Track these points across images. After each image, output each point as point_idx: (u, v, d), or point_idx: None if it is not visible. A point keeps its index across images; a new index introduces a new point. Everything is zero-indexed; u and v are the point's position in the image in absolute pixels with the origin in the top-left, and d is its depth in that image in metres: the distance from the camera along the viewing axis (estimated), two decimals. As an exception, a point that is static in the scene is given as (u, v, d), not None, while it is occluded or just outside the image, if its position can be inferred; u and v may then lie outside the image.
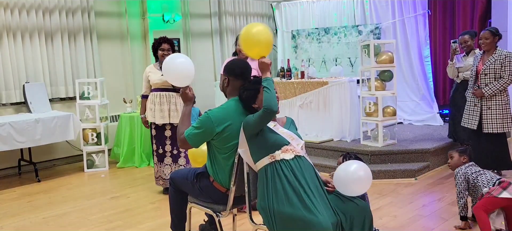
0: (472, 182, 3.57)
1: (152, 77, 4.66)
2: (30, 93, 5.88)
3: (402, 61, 7.05)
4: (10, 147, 5.26)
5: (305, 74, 6.37)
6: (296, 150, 2.68)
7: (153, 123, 4.68)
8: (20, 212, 4.53)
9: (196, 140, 2.84)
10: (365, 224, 2.58)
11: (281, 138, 2.69)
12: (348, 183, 2.62)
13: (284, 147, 2.67)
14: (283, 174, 2.61)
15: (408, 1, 7.00)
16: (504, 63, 4.63)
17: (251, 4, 8.55)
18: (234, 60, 3.11)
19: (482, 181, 3.53)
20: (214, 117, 2.80)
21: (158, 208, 4.47)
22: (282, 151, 2.65)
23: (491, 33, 4.71)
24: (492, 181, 3.48)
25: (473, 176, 3.57)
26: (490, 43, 4.70)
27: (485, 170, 3.65)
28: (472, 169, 3.61)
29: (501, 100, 4.74)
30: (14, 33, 5.94)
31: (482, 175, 3.56)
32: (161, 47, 4.65)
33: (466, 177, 3.59)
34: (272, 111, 2.61)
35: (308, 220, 2.45)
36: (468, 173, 3.59)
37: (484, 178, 3.53)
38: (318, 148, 5.84)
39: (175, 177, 3.20)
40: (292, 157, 2.65)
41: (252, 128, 2.68)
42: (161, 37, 4.74)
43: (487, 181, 3.50)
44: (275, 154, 2.65)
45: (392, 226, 3.81)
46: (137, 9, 7.13)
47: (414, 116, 7.16)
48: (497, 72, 4.66)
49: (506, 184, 3.41)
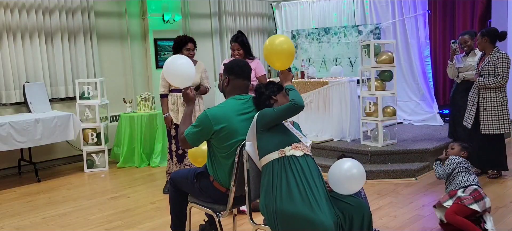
0: (455, 173, 3.65)
1: None
2: (30, 93, 5.88)
3: (402, 61, 7.05)
4: (10, 147, 5.26)
5: (305, 74, 6.37)
6: (306, 149, 2.69)
7: (175, 123, 4.64)
8: (20, 212, 4.54)
9: (195, 139, 2.85)
10: (363, 222, 2.57)
11: (292, 135, 2.72)
12: (342, 181, 2.65)
13: (294, 144, 2.68)
14: (290, 170, 2.60)
15: (408, 1, 7.00)
16: (497, 65, 4.65)
17: (251, 4, 8.56)
18: (233, 60, 3.12)
19: (462, 178, 3.60)
20: (212, 115, 2.80)
21: (158, 208, 4.47)
22: (293, 147, 2.66)
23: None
24: (470, 185, 3.52)
25: (459, 169, 3.64)
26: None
27: (473, 171, 3.68)
28: (464, 164, 3.67)
29: (497, 101, 4.75)
30: (14, 33, 5.94)
31: (467, 174, 3.61)
32: (187, 47, 4.62)
33: (457, 166, 3.65)
34: (299, 106, 2.68)
35: (310, 219, 2.45)
36: (460, 164, 3.65)
37: (466, 178, 3.58)
38: (318, 148, 5.84)
39: (175, 177, 3.20)
40: (302, 155, 2.66)
41: (273, 120, 2.69)
42: (185, 35, 4.71)
43: (465, 181, 3.56)
44: (285, 149, 2.66)
45: (392, 226, 3.81)
46: (137, 9, 7.13)
47: (414, 116, 7.16)
48: (491, 74, 4.69)
49: (479, 197, 3.47)
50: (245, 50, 4.45)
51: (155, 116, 6.33)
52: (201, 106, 4.72)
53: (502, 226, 3.69)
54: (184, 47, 4.61)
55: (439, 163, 3.82)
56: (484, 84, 4.70)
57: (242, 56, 4.42)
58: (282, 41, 2.96)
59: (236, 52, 4.43)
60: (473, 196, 3.48)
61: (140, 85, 7.20)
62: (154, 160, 6.26)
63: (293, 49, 3.00)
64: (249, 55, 4.48)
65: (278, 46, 2.94)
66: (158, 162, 6.22)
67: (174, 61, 2.96)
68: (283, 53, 2.94)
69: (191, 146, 2.92)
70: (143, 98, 6.32)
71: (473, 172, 3.69)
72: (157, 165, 6.19)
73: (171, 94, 4.68)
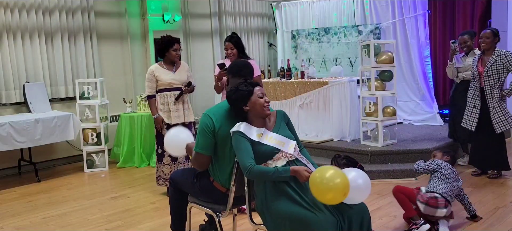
0: (433, 176, 3.67)
1: (163, 77, 4.55)
2: (30, 93, 5.88)
3: (402, 61, 7.05)
4: (10, 147, 5.27)
5: (305, 74, 6.37)
6: (288, 155, 2.66)
7: (166, 123, 4.59)
8: (20, 212, 4.54)
9: (203, 144, 2.81)
10: (363, 224, 2.56)
11: (270, 148, 2.65)
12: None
13: (276, 155, 2.65)
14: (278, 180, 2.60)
15: (408, 1, 7.00)
16: (505, 63, 4.66)
17: (251, 4, 8.55)
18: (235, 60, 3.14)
19: (434, 184, 3.61)
20: (212, 112, 2.83)
21: (158, 208, 4.47)
22: (274, 159, 2.64)
23: (492, 33, 4.74)
24: (436, 192, 3.53)
25: (437, 174, 3.63)
26: (490, 42, 4.72)
27: (453, 180, 3.63)
28: (444, 171, 3.63)
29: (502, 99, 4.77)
30: (14, 33, 5.94)
31: (442, 182, 3.58)
32: (175, 48, 4.60)
33: (437, 168, 3.65)
34: (244, 171, 2.60)
35: (307, 220, 2.44)
36: (440, 169, 3.64)
37: (437, 185, 3.57)
38: (318, 148, 5.84)
39: (175, 176, 3.20)
40: (284, 163, 2.63)
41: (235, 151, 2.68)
42: (170, 36, 4.66)
43: (434, 187, 3.56)
44: (267, 163, 2.64)
45: (392, 226, 3.81)
46: (137, 9, 7.13)
47: (414, 116, 7.16)
48: (499, 72, 4.69)
49: (433, 204, 3.50)
50: (239, 50, 4.48)
51: (155, 116, 6.32)
52: (190, 105, 4.73)
53: (502, 226, 3.69)
54: (172, 48, 4.58)
55: (422, 161, 3.85)
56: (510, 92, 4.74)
57: (235, 56, 4.45)
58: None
59: (229, 52, 4.47)
60: (428, 198, 3.52)
61: (140, 85, 7.19)
62: (154, 160, 6.23)
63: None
64: (243, 56, 4.50)
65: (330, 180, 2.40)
66: (158, 162, 6.22)
67: (178, 135, 3.20)
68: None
69: (207, 157, 2.85)
70: (143, 99, 6.32)
71: (452, 181, 3.62)
72: (157, 165, 6.20)
73: (160, 94, 4.60)
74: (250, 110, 2.70)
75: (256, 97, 2.69)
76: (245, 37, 8.35)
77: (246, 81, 2.77)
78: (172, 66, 4.65)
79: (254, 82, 2.77)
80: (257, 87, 2.73)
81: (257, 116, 2.71)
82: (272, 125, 2.78)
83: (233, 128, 2.68)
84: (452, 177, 3.63)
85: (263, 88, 2.79)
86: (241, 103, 2.70)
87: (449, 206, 3.54)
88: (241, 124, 2.68)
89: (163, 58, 4.69)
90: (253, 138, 2.64)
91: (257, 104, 2.68)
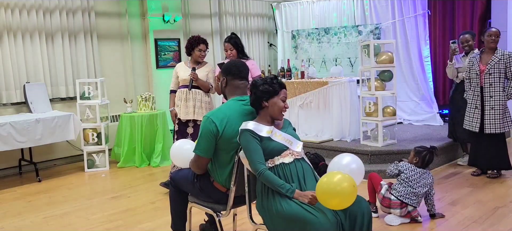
0: (398, 180, 3.79)
1: (181, 74, 4.76)
2: (31, 93, 5.89)
3: (402, 61, 7.06)
4: (11, 147, 5.27)
5: (305, 74, 6.38)
6: (295, 153, 2.69)
7: (178, 118, 4.76)
8: (20, 212, 4.54)
9: (205, 147, 2.82)
10: (364, 219, 2.55)
11: (279, 145, 2.68)
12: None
13: (284, 152, 2.67)
14: (283, 176, 2.62)
15: (408, 1, 7.01)
16: (508, 63, 4.67)
17: (251, 4, 8.56)
18: (231, 61, 3.15)
19: (395, 186, 3.77)
20: (214, 116, 2.81)
21: (158, 208, 4.47)
22: (282, 156, 2.66)
23: (499, 32, 4.83)
24: (393, 196, 3.72)
25: (400, 179, 3.77)
26: (498, 40, 4.79)
27: (416, 182, 3.72)
28: (405, 176, 3.75)
29: (501, 100, 4.77)
30: (15, 33, 5.95)
31: (403, 188, 3.72)
32: (200, 48, 4.72)
33: (398, 174, 3.79)
34: (255, 172, 2.62)
35: (308, 220, 2.45)
36: (400, 174, 3.77)
37: (399, 190, 3.72)
38: (318, 148, 5.84)
39: (176, 176, 3.21)
40: (291, 161, 2.65)
41: (243, 150, 2.68)
42: (198, 36, 4.82)
43: (397, 192, 3.72)
44: (274, 159, 2.66)
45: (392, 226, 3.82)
46: (137, 9, 7.13)
47: (414, 116, 7.17)
48: (501, 72, 4.71)
49: (386, 205, 3.76)
50: (238, 51, 4.61)
51: (156, 116, 6.33)
52: (203, 104, 4.77)
53: (502, 226, 3.69)
54: (197, 48, 4.72)
55: (396, 162, 3.91)
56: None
57: (235, 56, 4.57)
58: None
59: (229, 52, 4.61)
60: (382, 198, 3.77)
61: (141, 85, 7.21)
62: (155, 160, 6.26)
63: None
64: (243, 56, 4.62)
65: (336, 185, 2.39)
66: (158, 162, 6.23)
67: (182, 146, 3.26)
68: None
69: (206, 159, 2.87)
70: (143, 99, 6.33)
71: (415, 183, 3.72)
72: (157, 165, 6.20)
73: (178, 90, 4.81)
74: (268, 108, 2.72)
75: (279, 98, 2.71)
76: (245, 37, 8.36)
77: (277, 79, 2.78)
78: (196, 65, 4.75)
79: (283, 84, 2.79)
80: (284, 90, 2.75)
81: (271, 116, 2.74)
82: (280, 127, 2.81)
83: (241, 126, 2.70)
84: (414, 179, 3.73)
85: (286, 93, 2.80)
86: (264, 97, 2.71)
87: (405, 208, 3.69)
88: (249, 122, 2.70)
89: (190, 57, 4.85)
90: (262, 135, 2.66)
91: (276, 106, 2.71)
